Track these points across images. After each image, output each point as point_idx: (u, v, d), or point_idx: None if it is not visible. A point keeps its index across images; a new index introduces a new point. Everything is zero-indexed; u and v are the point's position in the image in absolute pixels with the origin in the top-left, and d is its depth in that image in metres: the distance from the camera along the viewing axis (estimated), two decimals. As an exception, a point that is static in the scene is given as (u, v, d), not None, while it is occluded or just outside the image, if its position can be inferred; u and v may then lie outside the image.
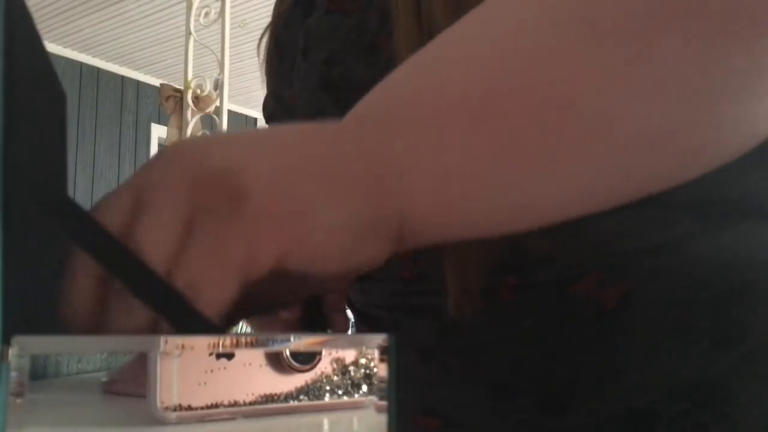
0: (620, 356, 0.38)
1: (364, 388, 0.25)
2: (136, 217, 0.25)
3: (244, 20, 4.14)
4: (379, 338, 0.25)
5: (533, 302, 0.40)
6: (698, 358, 0.37)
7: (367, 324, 0.51)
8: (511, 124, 0.27)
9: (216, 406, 0.22)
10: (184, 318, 0.25)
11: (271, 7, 0.60)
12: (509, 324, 0.41)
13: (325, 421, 0.25)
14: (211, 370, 0.22)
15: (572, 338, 0.39)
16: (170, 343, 0.22)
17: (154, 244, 0.24)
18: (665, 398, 0.37)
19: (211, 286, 0.24)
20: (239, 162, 0.25)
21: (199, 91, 2.60)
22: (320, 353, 0.24)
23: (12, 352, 0.19)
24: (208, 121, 2.64)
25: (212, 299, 0.24)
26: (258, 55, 0.59)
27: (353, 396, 0.25)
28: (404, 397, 0.45)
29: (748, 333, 0.37)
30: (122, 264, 0.24)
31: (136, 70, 5.18)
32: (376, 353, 0.25)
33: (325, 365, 0.24)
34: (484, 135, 0.27)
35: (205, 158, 0.25)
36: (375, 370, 0.25)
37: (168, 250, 0.24)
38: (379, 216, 0.27)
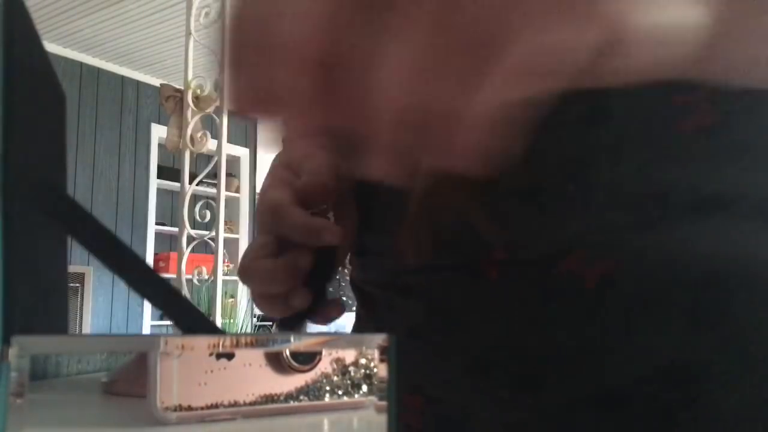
0: (597, 335, 0.38)
1: (364, 388, 0.25)
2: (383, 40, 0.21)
3: (244, 20, 4.13)
4: (379, 338, 0.25)
5: (517, 280, 0.40)
6: (674, 338, 0.37)
7: (364, 303, 0.52)
8: None
9: (216, 406, 0.22)
10: (185, 317, 0.25)
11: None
12: (492, 302, 0.41)
13: (325, 421, 0.25)
14: (211, 371, 0.22)
15: (551, 316, 0.39)
16: (170, 343, 0.22)
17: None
18: (638, 379, 0.37)
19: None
20: None
21: (199, 91, 2.60)
22: (320, 353, 0.24)
23: (12, 352, 0.19)
24: (209, 121, 2.64)
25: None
26: None
27: (353, 396, 0.25)
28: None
29: (726, 317, 0.37)
30: (123, 263, 0.24)
31: (136, 70, 5.19)
32: (376, 353, 0.25)
33: (325, 365, 0.24)
34: None
35: None
36: (375, 370, 0.25)
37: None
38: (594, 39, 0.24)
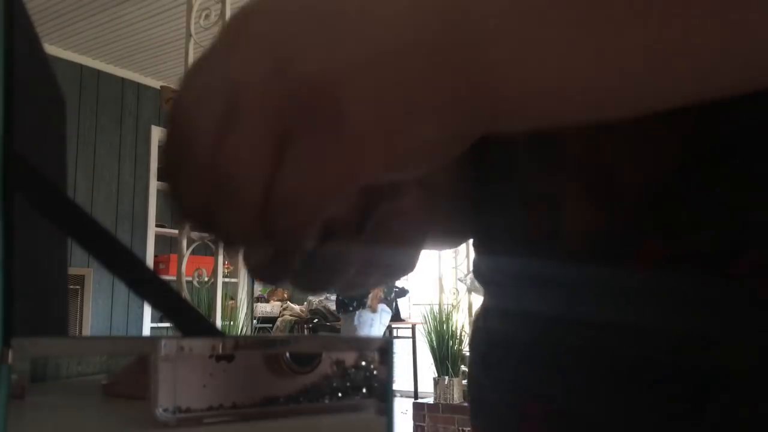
0: None
1: (364, 390, 0.25)
2: (228, 128, 0.25)
3: (245, 22, 4.14)
4: (379, 341, 0.25)
5: (676, 280, 0.34)
6: None
7: (491, 293, 0.47)
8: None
9: (216, 408, 0.22)
10: (185, 318, 0.25)
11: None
12: (642, 305, 0.35)
13: (325, 423, 0.25)
14: (211, 373, 0.22)
15: (718, 330, 0.33)
16: (170, 345, 0.22)
17: (248, 164, 0.25)
18: None
19: (307, 202, 0.25)
20: (336, 73, 0.24)
21: (199, 93, 2.60)
22: (320, 355, 0.24)
23: (12, 354, 0.19)
24: (209, 123, 2.64)
25: (307, 215, 0.25)
26: None
27: (353, 398, 0.25)
28: (515, 378, 0.42)
29: None
30: (123, 265, 0.24)
31: (136, 72, 5.19)
32: (376, 355, 0.25)
33: (325, 368, 0.24)
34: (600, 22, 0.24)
35: (299, 61, 0.24)
36: (375, 372, 0.25)
37: (262, 168, 0.25)
38: (472, 119, 0.26)
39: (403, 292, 5.81)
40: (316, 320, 6.88)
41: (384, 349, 0.25)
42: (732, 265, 0.32)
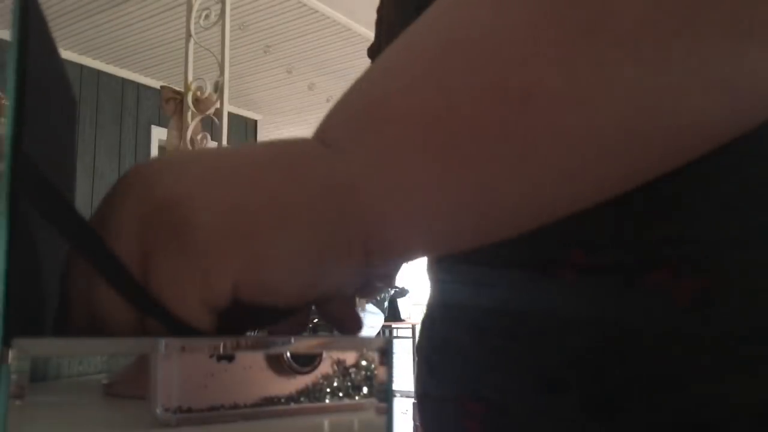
0: (687, 364, 0.33)
1: (365, 390, 0.25)
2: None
3: (245, 22, 4.14)
4: (380, 341, 0.25)
5: (597, 288, 0.36)
6: None
7: (436, 290, 0.50)
8: (469, 129, 0.25)
9: (217, 408, 0.22)
10: (184, 328, 0.25)
11: (271, 10, 0.60)
12: (567, 311, 0.37)
13: (326, 423, 0.25)
14: (212, 373, 0.22)
15: (635, 336, 0.34)
16: (171, 345, 0.22)
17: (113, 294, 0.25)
18: (732, 417, 0.32)
19: (186, 321, 0.24)
20: (185, 192, 0.25)
21: (199, 93, 2.60)
22: (321, 355, 0.24)
23: (12, 354, 0.19)
24: (209, 123, 2.64)
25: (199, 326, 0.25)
26: None
27: (353, 398, 0.25)
28: (456, 379, 0.44)
29: None
30: (120, 272, 0.24)
31: (136, 72, 5.19)
32: (377, 355, 0.25)
33: (325, 367, 0.24)
34: (443, 145, 0.25)
35: (152, 189, 0.25)
36: (375, 372, 0.25)
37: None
38: (338, 241, 0.26)
39: (403, 292, 5.80)
40: (317, 320, 6.87)
41: (384, 349, 0.25)
42: (645, 276, 0.34)
